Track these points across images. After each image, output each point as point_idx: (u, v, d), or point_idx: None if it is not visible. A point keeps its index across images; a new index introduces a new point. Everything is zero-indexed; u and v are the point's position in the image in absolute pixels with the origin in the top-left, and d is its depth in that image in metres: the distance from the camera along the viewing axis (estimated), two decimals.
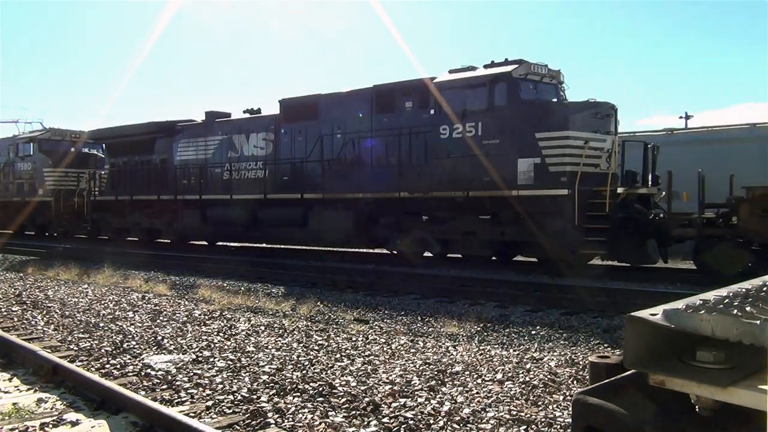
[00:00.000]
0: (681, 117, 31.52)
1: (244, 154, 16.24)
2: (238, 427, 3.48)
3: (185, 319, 7.03)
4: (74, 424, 3.59)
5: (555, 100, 12.23)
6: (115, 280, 11.21)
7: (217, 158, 16.90)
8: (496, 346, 5.90)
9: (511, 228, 11.70)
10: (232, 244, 17.13)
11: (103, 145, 21.77)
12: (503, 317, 7.47)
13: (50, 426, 3.53)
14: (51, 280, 11.05)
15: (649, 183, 11.77)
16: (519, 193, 11.35)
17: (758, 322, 1.14)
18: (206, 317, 7.14)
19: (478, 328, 7.05)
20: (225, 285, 10.53)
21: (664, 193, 11.66)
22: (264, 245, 15.50)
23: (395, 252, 13.77)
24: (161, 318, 7.07)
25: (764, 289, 1.53)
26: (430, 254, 13.15)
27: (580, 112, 11.48)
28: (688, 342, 1.27)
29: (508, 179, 11.43)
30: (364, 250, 15.13)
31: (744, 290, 1.51)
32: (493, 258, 12.73)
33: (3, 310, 7.61)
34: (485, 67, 12.49)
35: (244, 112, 17.10)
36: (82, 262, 14.05)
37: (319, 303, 8.77)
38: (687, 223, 10.83)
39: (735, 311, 1.22)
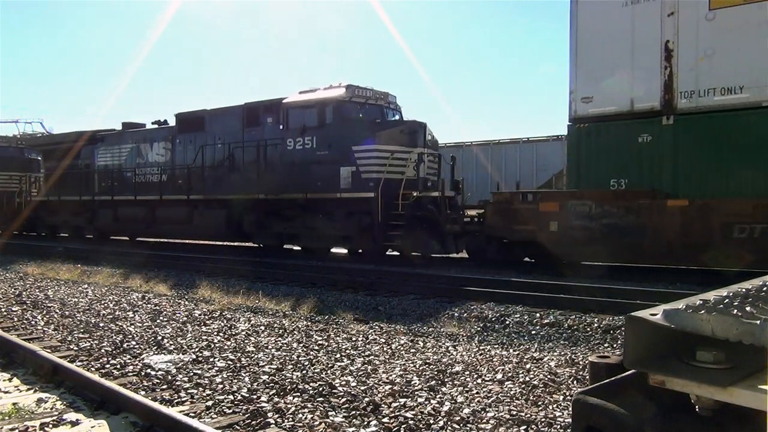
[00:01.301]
0: None
1: (148, 161, 18.74)
2: (238, 427, 3.48)
3: (185, 319, 7.03)
4: (74, 424, 3.59)
5: (378, 119, 14.48)
6: (115, 280, 11.22)
7: (128, 164, 19.34)
8: (496, 346, 5.90)
9: (339, 224, 13.96)
10: (231, 244, 17.34)
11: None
12: (503, 317, 7.47)
13: (50, 426, 3.53)
14: (51, 280, 11.05)
15: (448, 187, 14.29)
16: (341, 195, 13.75)
17: (758, 322, 1.14)
18: (206, 317, 7.14)
19: (478, 328, 7.05)
20: (225, 285, 10.53)
21: (469, 194, 14.57)
22: (264, 246, 16.47)
23: (261, 246, 16.37)
24: (161, 318, 7.07)
25: (764, 289, 1.53)
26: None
27: (387, 129, 13.88)
28: (688, 342, 1.27)
29: (334, 184, 13.81)
30: (362, 251, 15.15)
31: (744, 290, 1.51)
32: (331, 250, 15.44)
33: (3, 310, 7.61)
34: (324, 89, 14.82)
35: (153, 123, 19.56)
36: (82, 262, 14.06)
37: (319, 303, 8.77)
38: (455, 220, 13.06)
39: (735, 311, 1.22)
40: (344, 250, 15.33)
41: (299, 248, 15.73)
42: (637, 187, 10.78)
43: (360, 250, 14.87)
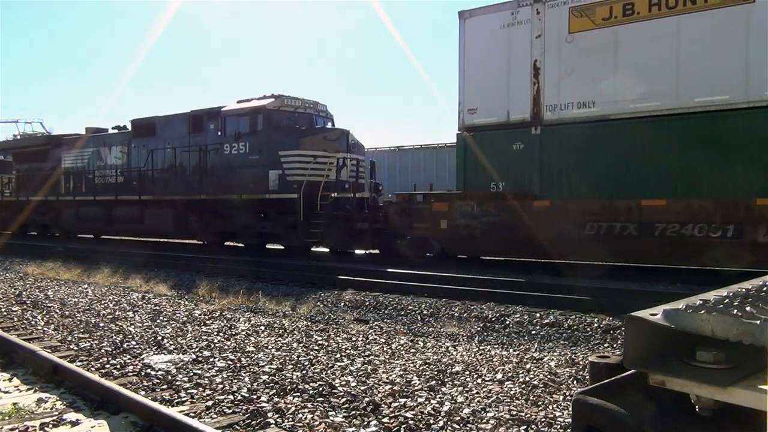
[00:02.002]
0: None
1: (107, 164, 19.92)
2: (238, 427, 3.48)
3: (185, 319, 7.03)
4: (74, 424, 3.59)
5: (306, 126, 15.81)
6: (115, 280, 11.22)
7: (89, 166, 20.52)
8: (496, 346, 5.90)
9: (270, 223, 15.40)
10: (232, 244, 17.43)
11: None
12: (503, 317, 7.47)
13: (50, 426, 3.53)
14: (51, 280, 11.05)
15: (367, 189, 15.83)
16: (270, 196, 15.00)
17: (758, 322, 1.14)
18: (206, 317, 7.14)
19: (478, 328, 7.05)
20: (225, 285, 10.53)
21: (389, 194, 15.91)
22: (267, 246, 16.98)
23: (204, 242, 17.77)
24: (161, 318, 7.07)
25: (764, 289, 1.53)
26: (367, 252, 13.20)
27: (310, 136, 15.16)
28: (688, 342, 1.27)
29: (264, 186, 15.02)
30: (362, 251, 15.17)
31: (744, 290, 1.51)
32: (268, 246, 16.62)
33: (3, 310, 7.61)
34: (257, 99, 16.06)
35: (113, 128, 20.96)
36: (82, 261, 14.06)
37: (319, 303, 8.77)
38: (365, 218, 14.40)
39: (735, 311, 1.22)
40: (281, 246, 16.42)
41: (281, 247, 16.25)
42: (511, 189, 12.23)
43: (283, 246, 16.32)
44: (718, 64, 10.20)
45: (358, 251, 15.31)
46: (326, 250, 15.73)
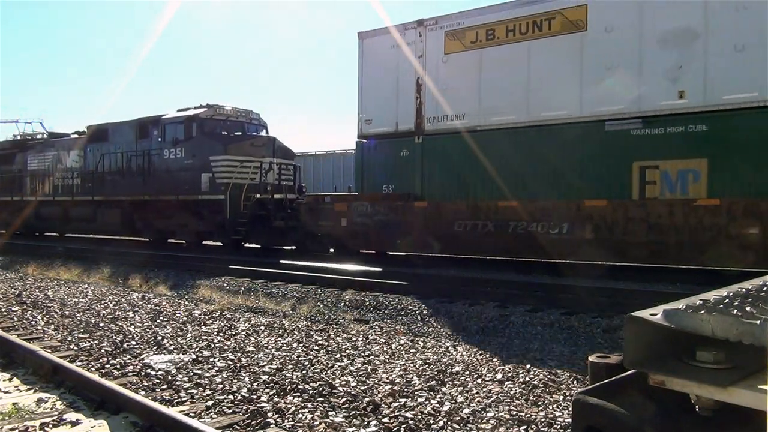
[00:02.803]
0: None
1: (66, 166, 21.31)
2: (238, 427, 3.48)
3: (185, 319, 7.03)
4: (74, 424, 3.59)
5: (238, 133, 17.48)
6: (116, 280, 11.21)
7: (51, 169, 21.99)
8: (496, 346, 5.90)
9: (202, 221, 16.89)
10: (211, 243, 17.70)
11: None
12: (503, 317, 7.47)
13: (50, 426, 3.53)
14: (51, 280, 11.05)
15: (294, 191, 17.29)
16: (201, 197, 16.59)
17: (758, 322, 1.14)
18: (206, 317, 7.14)
19: (478, 328, 7.05)
20: (225, 285, 10.53)
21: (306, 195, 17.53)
22: (259, 246, 17.33)
23: (148, 239, 19.14)
24: (161, 318, 7.07)
25: (764, 289, 1.53)
26: (421, 255, 13.22)
27: (238, 143, 16.76)
28: (688, 342, 1.27)
29: (197, 188, 16.64)
30: (361, 251, 15.18)
31: (744, 290, 1.51)
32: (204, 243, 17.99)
33: (3, 310, 7.61)
34: (194, 108, 17.67)
35: (73, 133, 22.41)
36: (82, 261, 14.05)
37: (319, 303, 8.77)
38: (282, 217, 15.72)
39: (735, 311, 1.21)
40: (220, 243, 17.64)
41: (292, 247, 16.48)
42: (399, 191, 13.72)
43: (217, 242, 17.75)
44: (558, 83, 11.60)
45: (281, 247, 16.59)
46: (258, 246, 16.95)
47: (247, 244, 17.12)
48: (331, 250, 15.00)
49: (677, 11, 10.33)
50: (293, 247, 16.11)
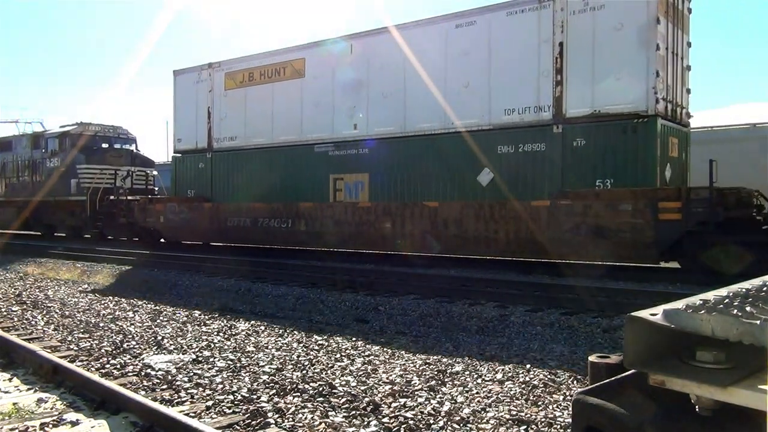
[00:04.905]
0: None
1: None
2: (238, 427, 3.48)
3: (185, 318, 7.03)
4: (74, 424, 3.59)
5: (106, 145, 22.28)
6: (116, 280, 11.21)
7: None
8: (496, 346, 5.90)
9: (75, 218, 21.30)
10: (230, 245, 17.60)
11: None
12: (503, 317, 7.47)
13: (50, 426, 3.53)
14: (51, 280, 11.04)
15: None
16: (71, 198, 21.11)
17: (758, 322, 1.13)
18: (206, 317, 7.13)
19: (478, 328, 7.04)
20: (225, 285, 10.53)
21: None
22: (42, 234, 22.27)
23: (40, 233, 23.42)
24: (161, 318, 7.07)
25: (764, 289, 1.52)
26: (430, 254, 13.23)
27: (100, 154, 21.60)
28: (688, 342, 1.27)
29: (68, 190, 21.22)
30: (362, 251, 15.19)
31: (744, 290, 1.51)
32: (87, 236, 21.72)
33: (3, 310, 7.60)
34: (71, 125, 22.37)
35: None
36: (82, 261, 14.05)
37: (319, 303, 8.77)
38: (125, 215, 19.18)
39: (735, 311, 1.21)
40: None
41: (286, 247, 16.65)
42: (197, 195, 17.62)
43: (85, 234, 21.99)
44: (288, 116, 15.54)
45: (125, 239, 20.21)
46: (125, 239, 20.26)
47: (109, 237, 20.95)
48: (162, 240, 19.03)
49: (351, 68, 14.32)
50: (136, 238, 19.66)
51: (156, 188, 22.54)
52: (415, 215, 12.82)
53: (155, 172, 22.97)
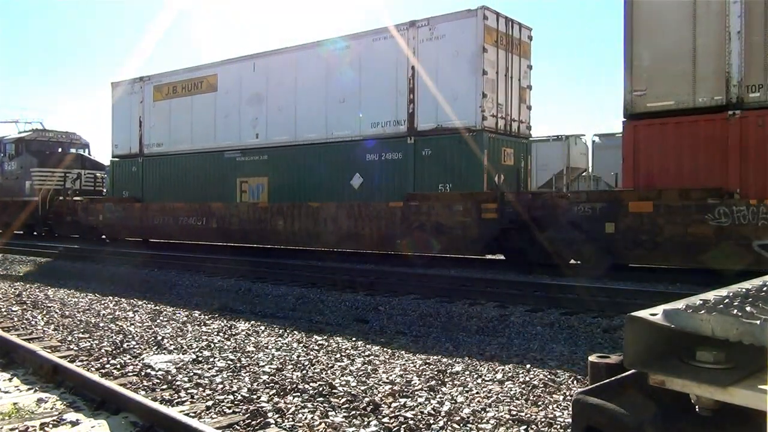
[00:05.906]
0: None
1: None
2: (238, 427, 3.48)
3: (185, 318, 7.03)
4: (74, 424, 3.59)
5: (60, 150, 24.61)
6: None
7: None
8: (496, 346, 5.90)
9: (30, 217, 22.90)
10: (229, 245, 17.60)
11: None
12: (503, 317, 7.46)
13: (50, 426, 3.53)
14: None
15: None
16: (26, 198, 23.40)
17: (758, 322, 1.13)
18: (206, 317, 7.13)
19: (478, 328, 7.04)
20: (225, 285, 10.52)
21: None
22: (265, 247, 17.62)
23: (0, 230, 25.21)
24: (161, 318, 7.07)
25: (764, 289, 1.52)
26: (429, 254, 13.25)
27: (48, 159, 23.68)
28: (688, 342, 1.26)
29: (23, 191, 23.64)
30: (363, 251, 15.20)
31: (744, 290, 1.51)
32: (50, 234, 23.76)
33: (3, 310, 7.60)
34: (26, 132, 25.49)
35: None
36: (82, 261, 14.05)
37: (319, 303, 8.76)
38: (69, 213, 21.80)
39: (735, 311, 1.21)
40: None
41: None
42: (131, 195, 19.81)
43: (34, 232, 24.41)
44: (204, 126, 17.79)
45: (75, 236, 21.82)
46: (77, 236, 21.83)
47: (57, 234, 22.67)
48: (103, 237, 20.91)
49: (254, 84, 16.41)
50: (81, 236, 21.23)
51: (104, 190, 23.95)
52: (302, 214, 14.94)
53: (105, 175, 24.52)
